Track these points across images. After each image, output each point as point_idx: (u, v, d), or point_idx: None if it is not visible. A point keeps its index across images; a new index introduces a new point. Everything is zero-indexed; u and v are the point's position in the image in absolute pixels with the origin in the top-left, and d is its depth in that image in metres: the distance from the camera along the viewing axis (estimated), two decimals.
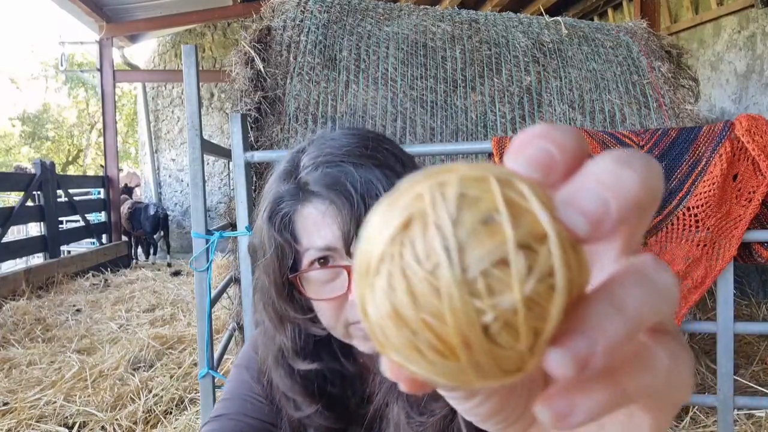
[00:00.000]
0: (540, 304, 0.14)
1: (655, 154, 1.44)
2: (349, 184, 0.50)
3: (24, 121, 17.16)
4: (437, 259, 0.14)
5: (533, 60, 1.99)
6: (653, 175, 0.16)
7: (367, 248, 0.16)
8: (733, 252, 1.37)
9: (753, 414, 1.90)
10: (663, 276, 0.17)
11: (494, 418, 0.21)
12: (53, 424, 2.09)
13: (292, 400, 0.57)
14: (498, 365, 0.15)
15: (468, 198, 0.15)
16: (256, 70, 1.78)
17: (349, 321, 0.53)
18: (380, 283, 0.15)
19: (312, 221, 0.52)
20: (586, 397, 0.16)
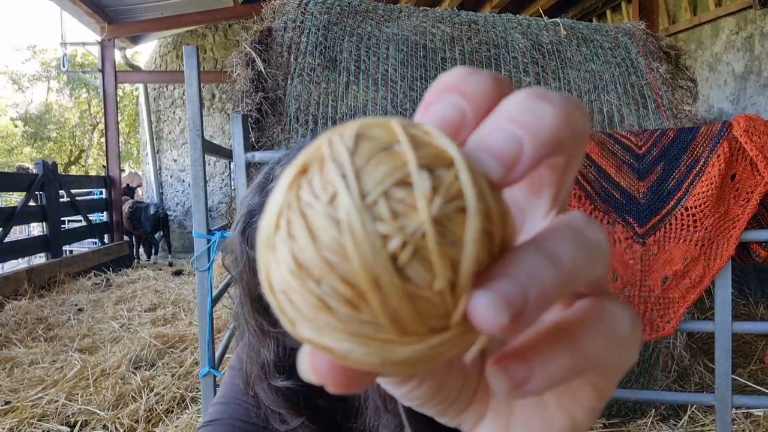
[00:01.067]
0: (451, 229, 0.13)
1: (654, 154, 1.46)
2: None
3: (26, 122, 17.20)
4: (334, 189, 0.13)
5: (532, 61, 2.00)
6: (573, 109, 0.15)
7: (266, 217, 0.14)
8: (731, 252, 1.38)
9: (751, 413, 1.90)
10: (595, 232, 0.15)
11: (432, 401, 0.19)
12: (55, 422, 2.10)
13: (278, 414, 0.57)
14: (418, 313, 0.13)
15: (367, 135, 0.13)
16: (257, 71, 1.80)
17: None
18: (280, 237, 0.13)
19: None
20: (545, 361, 0.14)
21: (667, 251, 1.44)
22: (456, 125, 0.15)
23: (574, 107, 0.15)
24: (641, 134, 1.45)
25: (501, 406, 0.19)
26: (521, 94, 0.15)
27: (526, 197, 0.18)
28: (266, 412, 0.58)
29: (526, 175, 0.14)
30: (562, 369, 0.15)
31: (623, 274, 1.45)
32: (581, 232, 0.15)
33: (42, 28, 41.99)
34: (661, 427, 1.88)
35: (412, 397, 0.19)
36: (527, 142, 0.14)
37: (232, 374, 0.65)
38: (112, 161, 6.52)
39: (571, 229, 0.15)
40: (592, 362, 0.15)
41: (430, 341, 0.13)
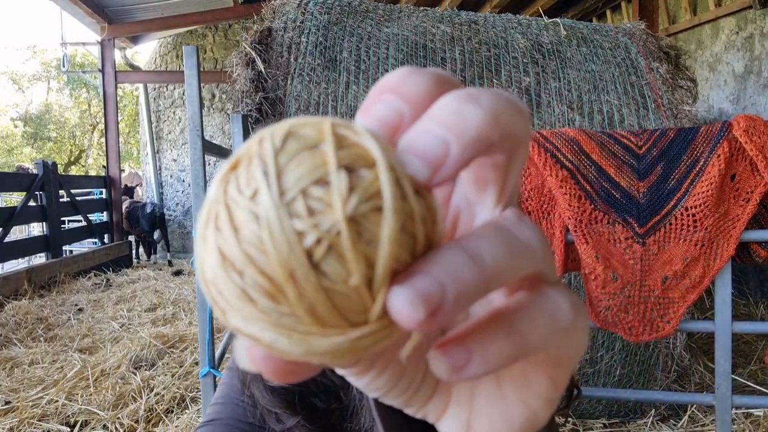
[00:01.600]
0: (368, 227, 0.13)
1: (654, 154, 1.46)
2: None
3: (26, 122, 17.20)
4: (256, 185, 0.13)
5: (532, 61, 2.00)
6: (503, 109, 0.15)
7: (202, 208, 0.15)
8: (731, 252, 1.38)
9: (751, 413, 1.90)
10: (524, 231, 0.16)
11: (394, 391, 0.19)
12: (55, 422, 2.10)
13: (274, 413, 0.57)
14: (335, 307, 0.13)
15: (296, 134, 0.14)
16: (257, 71, 1.80)
17: None
18: (210, 230, 0.14)
19: None
20: (485, 345, 0.15)
21: (667, 251, 1.44)
22: (393, 126, 0.15)
23: (504, 107, 0.15)
24: (641, 134, 1.45)
25: (463, 398, 0.20)
26: (452, 96, 0.15)
27: (474, 193, 0.19)
28: (262, 412, 0.58)
29: (454, 175, 0.15)
30: (500, 353, 0.15)
31: (623, 274, 1.45)
32: (509, 231, 0.16)
33: (42, 28, 42.02)
34: (661, 427, 1.88)
35: (374, 387, 0.19)
36: (453, 144, 0.14)
37: (231, 375, 0.65)
38: (112, 161, 6.52)
39: (499, 228, 0.15)
40: (532, 347, 0.16)
41: (350, 334, 0.14)
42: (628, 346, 1.81)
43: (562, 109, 1.91)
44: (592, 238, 1.41)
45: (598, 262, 1.42)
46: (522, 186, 1.38)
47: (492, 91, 0.16)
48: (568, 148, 1.45)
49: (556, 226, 1.42)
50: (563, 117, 1.90)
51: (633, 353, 1.84)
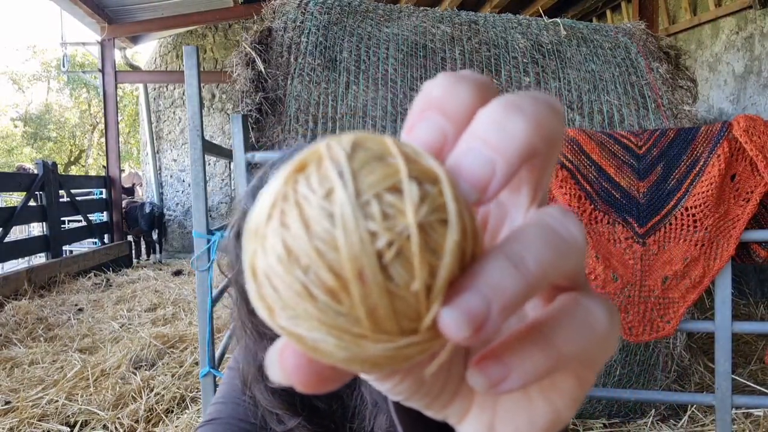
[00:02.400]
0: (433, 237, 0.14)
1: (654, 154, 1.46)
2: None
3: (26, 122, 17.20)
4: (331, 185, 0.14)
5: (532, 61, 2.00)
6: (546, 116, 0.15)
7: (258, 208, 0.15)
8: (731, 252, 1.38)
9: (751, 413, 1.90)
10: (569, 227, 0.15)
11: (416, 395, 0.19)
12: (55, 422, 2.10)
13: (275, 414, 0.57)
14: (394, 312, 0.13)
15: (363, 145, 0.15)
16: (257, 71, 1.80)
17: None
18: (272, 226, 0.14)
19: None
20: (521, 360, 0.15)
21: (667, 251, 1.44)
22: (438, 148, 0.16)
23: (547, 113, 0.15)
24: (641, 134, 1.45)
25: (487, 401, 0.20)
26: (494, 107, 0.15)
27: (507, 194, 0.19)
28: (263, 412, 0.58)
29: (500, 193, 0.15)
30: (537, 367, 0.15)
31: (623, 274, 1.45)
32: (552, 229, 0.15)
33: (42, 28, 42.02)
34: (661, 427, 1.88)
35: (396, 392, 0.19)
36: (499, 163, 0.15)
37: (231, 374, 0.65)
38: (112, 161, 6.52)
39: (542, 226, 0.15)
40: (567, 359, 0.16)
41: (399, 342, 0.14)
42: (628, 346, 1.81)
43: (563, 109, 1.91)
44: (592, 238, 1.41)
45: (598, 262, 1.42)
46: None
47: (532, 96, 0.16)
48: (568, 148, 1.45)
49: None
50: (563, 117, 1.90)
51: (633, 353, 1.84)
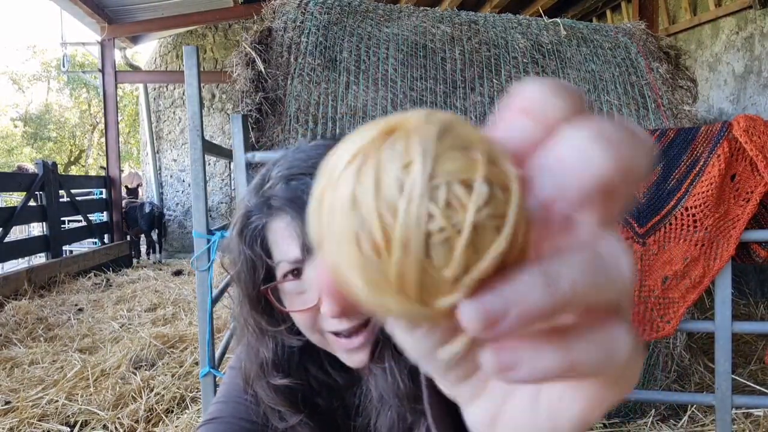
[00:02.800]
0: (482, 239, 0.15)
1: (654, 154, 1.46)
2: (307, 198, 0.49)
3: (26, 122, 17.20)
4: (410, 159, 0.15)
5: (532, 61, 2.00)
6: (632, 152, 0.15)
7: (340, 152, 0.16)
8: (731, 252, 1.38)
9: (751, 413, 1.90)
10: (619, 261, 0.16)
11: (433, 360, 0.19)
12: (55, 422, 2.10)
13: (277, 411, 0.57)
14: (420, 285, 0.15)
15: (454, 130, 0.16)
16: (257, 71, 1.80)
17: (323, 330, 0.53)
18: (348, 175, 0.15)
19: (280, 235, 0.53)
20: (534, 356, 0.16)
21: (667, 251, 1.44)
22: (522, 152, 0.16)
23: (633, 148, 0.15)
24: None
25: (497, 394, 0.20)
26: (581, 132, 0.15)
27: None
28: (265, 410, 0.59)
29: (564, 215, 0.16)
30: (547, 369, 0.16)
31: None
32: (601, 258, 0.15)
33: (42, 28, 42.02)
34: (661, 427, 1.88)
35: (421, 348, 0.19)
36: (570, 189, 0.15)
37: (233, 374, 0.65)
38: (112, 161, 6.52)
39: (591, 253, 0.15)
40: (580, 373, 0.16)
41: (412, 307, 0.16)
42: None
43: None
44: None
45: None
46: None
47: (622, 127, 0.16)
48: None
49: None
50: None
51: None
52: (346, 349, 0.53)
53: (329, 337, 0.54)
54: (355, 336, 0.52)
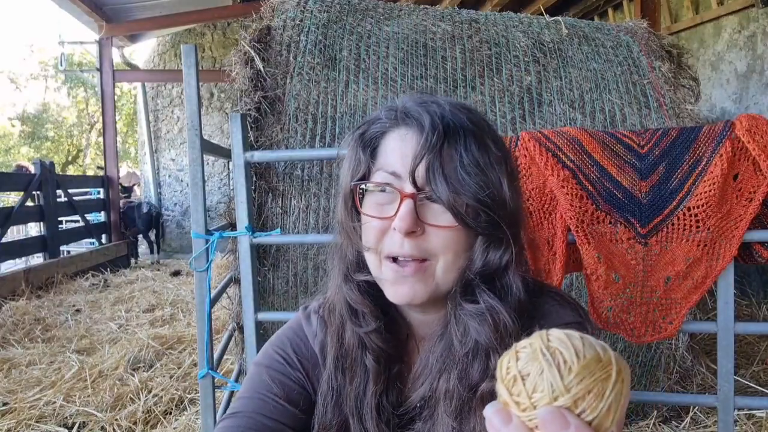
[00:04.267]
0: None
1: (656, 154, 1.44)
2: (438, 119, 0.55)
3: (23, 121, 17.15)
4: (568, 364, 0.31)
5: (533, 60, 1.99)
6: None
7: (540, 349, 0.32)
8: (734, 252, 1.36)
9: (753, 414, 1.89)
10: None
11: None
12: (53, 424, 2.09)
13: (360, 314, 0.61)
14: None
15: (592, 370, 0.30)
16: (256, 70, 1.78)
17: (383, 252, 0.57)
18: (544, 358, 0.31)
19: (391, 146, 0.57)
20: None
21: (670, 251, 1.42)
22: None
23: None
24: (643, 134, 1.44)
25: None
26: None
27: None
28: (344, 317, 0.62)
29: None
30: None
31: (625, 274, 1.44)
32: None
33: (40, 27, 41.91)
34: (663, 428, 1.87)
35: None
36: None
37: (259, 370, 0.65)
38: (110, 161, 6.50)
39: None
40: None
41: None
42: (630, 347, 1.80)
43: (564, 109, 1.90)
44: (594, 238, 1.40)
45: (600, 263, 1.40)
46: (523, 186, 1.37)
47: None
48: (570, 147, 1.43)
49: (557, 226, 1.40)
50: (565, 116, 1.89)
51: (635, 354, 1.83)
52: (394, 276, 0.56)
53: (384, 264, 0.57)
54: (407, 265, 0.55)
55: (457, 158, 0.54)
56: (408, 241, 0.54)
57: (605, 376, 0.28)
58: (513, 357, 0.31)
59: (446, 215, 0.54)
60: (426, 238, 0.55)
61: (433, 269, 0.55)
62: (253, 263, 1.47)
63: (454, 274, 0.56)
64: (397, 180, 0.55)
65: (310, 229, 1.71)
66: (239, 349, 1.82)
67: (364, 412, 0.59)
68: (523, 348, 0.31)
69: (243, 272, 1.48)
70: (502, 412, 0.30)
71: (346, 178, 0.60)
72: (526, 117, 1.87)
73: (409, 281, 0.55)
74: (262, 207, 1.70)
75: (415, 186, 0.54)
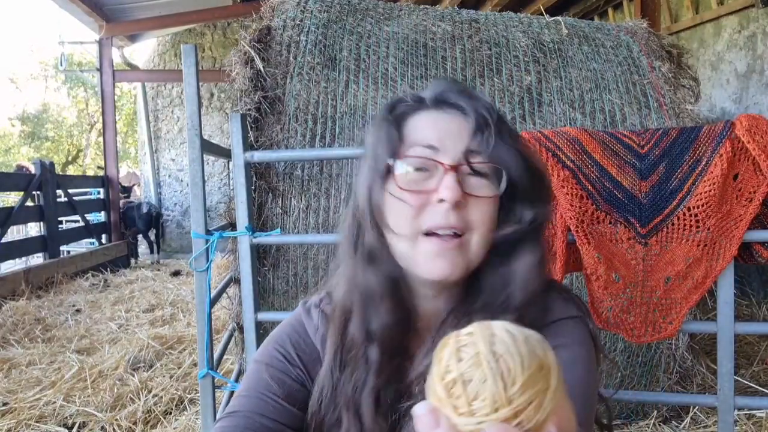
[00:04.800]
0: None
1: (656, 154, 1.44)
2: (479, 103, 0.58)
3: (23, 121, 17.15)
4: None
5: (533, 60, 1.99)
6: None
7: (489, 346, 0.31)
8: (734, 252, 1.36)
9: (753, 414, 1.89)
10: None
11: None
12: (53, 424, 2.09)
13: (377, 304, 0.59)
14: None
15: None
16: (256, 70, 1.78)
17: (421, 228, 0.56)
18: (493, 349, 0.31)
19: (423, 124, 0.59)
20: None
21: (670, 251, 1.42)
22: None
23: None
24: (643, 133, 1.44)
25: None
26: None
27: None
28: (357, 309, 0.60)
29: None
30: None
31: (625, 274, 1.44)
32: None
33: (40, 27, 41.90)
34: (663, 428, 1.87)
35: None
36: None
37: (256, 368, 0.65)
38: (110, 161, 6.50)
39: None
40: None
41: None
42: (630, 347, 1.80)
43: (564, 109, 1.90)
44: (594, 238, 1.40)
45: (600, 263, 1.40)
46: None
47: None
48: (570, 147, 1.43)
49: (557, 226, 1.40)
50: (565, 116, 1.89)
51: (635, 354, 1.82)
52: (436, 249, 0.55)
53: (421, 240, 0.56)
54: (448, 240, 0.55)
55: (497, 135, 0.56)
56: (453, 213, 0.55)
57: (545, 387, 0.28)
58: (454, 355, 0.30)
59: (486, 188, 0.56)
60: (468, 211, 0.56)
61: (469, 244, 0.56)
62: (253, 263, 1.47)
63: (485, 249, 0.58)
64: (436, 153, 0.56)
65: (310, 229, 1.71)
66: (239, 349, 1.82)
67: (362, 405, 0.58)
68: (465, 347, 0.30)
69: (243, 272, 1.48)
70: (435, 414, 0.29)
71: (380, 155, 0.59)
72: (526, 117, 1.87)
73: (449, 255, 0.55)
74: (262, 207, 1.70)
75: (464, 157, 0.56)
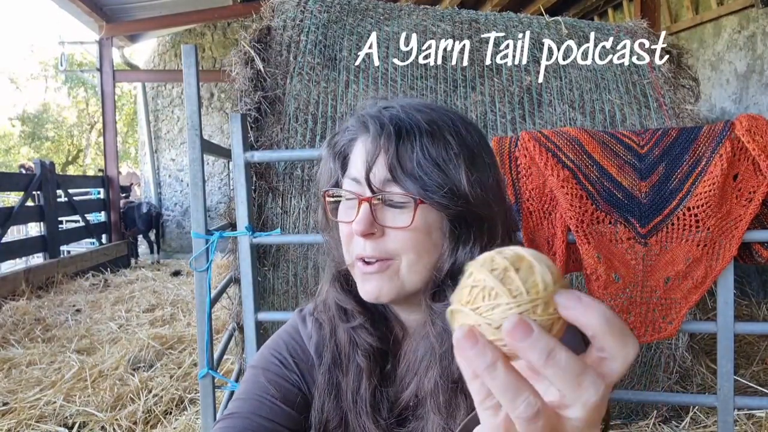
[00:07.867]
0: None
1: (656, 154, 1.44)
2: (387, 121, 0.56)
3: (24, 121, 17.15)
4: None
5: (533, 60, 1.99)
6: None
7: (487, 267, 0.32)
8: (734, 252, 1.36)
9: (753, 414, 1.89)
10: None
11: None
12: (53, 424, 2.09)
13: (345, 311, 0.63)
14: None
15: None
16: (256, 70, 1.78)
17: (353, 254, 0.59)
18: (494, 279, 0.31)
19: (356, 153, 0.59)
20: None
21: (669, 251, 1.42)
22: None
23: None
24: (643, 133, 1.44)
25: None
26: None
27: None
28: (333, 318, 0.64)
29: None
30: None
31: (625, 274, 1.44)
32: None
33: (40, 27, 41.88)
34: (663, 428, 1.87)
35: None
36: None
37: (255, 372, 0.66)
38: (110, 161, 6.50)
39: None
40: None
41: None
42: None
43: (564, 108, 1.90)
44: (594, 238, 1.40)
45: (600, 263, 1.40)
46: (523, 186, 1.37)
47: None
48: (570, 147, 1.43)
49: (557, 226, 1.40)
50: (565, 116, 1.89)
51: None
52: (362, 273, 0.58)
53: (355, 265, 0.60)
54: (371, 264, 0.58)
55: (412, 157, 0.55)
56: (368, 243, 0.57)
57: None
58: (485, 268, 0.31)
59: (403, 217, 0.56)
60: (386, 239, 0.57)
61: (397, 268, 0.57)
62: (253, 263, 1.47)
63: (421, 274, 0.57)
64: (358, 186, 0.58)
65: (310, 229, 1.71)
66: (239, 349, 1.82)
67: (360, 409, 0.60)
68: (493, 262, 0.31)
69: (243, 272, 1.48)
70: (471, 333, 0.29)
71: (319, 184, 0.63)
72: (525, 117, 1.88)
73: (375, 278, 0.57)
74: (262, 207, 1.70)
75: (371, 190, 0.56)
